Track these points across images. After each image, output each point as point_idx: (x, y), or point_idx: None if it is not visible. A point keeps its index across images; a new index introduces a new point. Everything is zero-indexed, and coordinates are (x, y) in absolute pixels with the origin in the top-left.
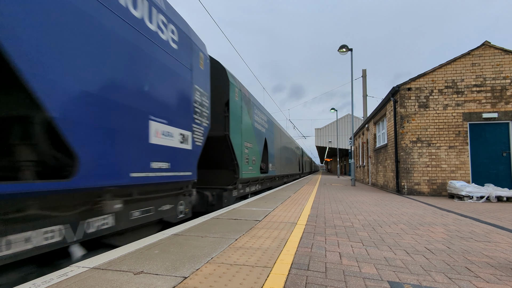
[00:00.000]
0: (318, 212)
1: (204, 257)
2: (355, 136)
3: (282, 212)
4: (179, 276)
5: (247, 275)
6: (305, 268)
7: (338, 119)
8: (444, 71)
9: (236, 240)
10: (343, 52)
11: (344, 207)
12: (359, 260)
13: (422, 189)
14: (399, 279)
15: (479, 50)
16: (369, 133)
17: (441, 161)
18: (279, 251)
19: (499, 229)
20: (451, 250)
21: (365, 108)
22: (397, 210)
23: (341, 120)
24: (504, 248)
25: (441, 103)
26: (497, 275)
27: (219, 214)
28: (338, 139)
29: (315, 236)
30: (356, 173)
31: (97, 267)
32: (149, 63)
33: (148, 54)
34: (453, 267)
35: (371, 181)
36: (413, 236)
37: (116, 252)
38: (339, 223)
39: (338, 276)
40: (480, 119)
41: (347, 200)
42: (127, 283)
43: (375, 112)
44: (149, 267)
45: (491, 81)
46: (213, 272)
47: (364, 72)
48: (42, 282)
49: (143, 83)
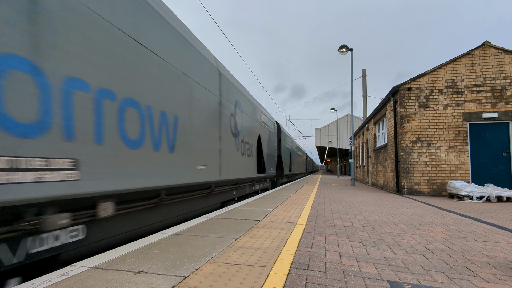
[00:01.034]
0: (318, 212)
1: (204, 257)
2: (355, 136)
3: (282, 212)
4: (179, 275)
5: (247, 275)
6: (305, 268)
7: (338, 119)
8: (444, 71)
9: (236, 239)
10: (343, 52)
11: (344, 207)
12: (359, 260)
13: (422, 189)
14: (399, 279)
15: (479, 50)
16: (369, 133)
17: (441, 161)
18: (279, 251)
19: (499, 229)
20: (451, 250)
21: (365, 108)
22: (397, 210)
23: (341, 120)
24: (504, 248)
25: (441, 103)
26: (497, 275)
27: (219, 214)
28: (338, 139)
29: (315, 236)
30: (356, 173)
31: (97, 267)
32: (269, 140)
33: (270, 136)
34: (453, 267)
35: (371, 181)
36: (413, 236)
37: (116, 251)
38: (339, 223)
39: (338, 275)
40: (480, 119)
41: (347, 200)
42: (127, 282)
43: (375, 112)
44: (149, 267)
45: (491, 81)
46: (213, 271)
47: (364, 72)
48: (42, 281)
49: (271, 149)
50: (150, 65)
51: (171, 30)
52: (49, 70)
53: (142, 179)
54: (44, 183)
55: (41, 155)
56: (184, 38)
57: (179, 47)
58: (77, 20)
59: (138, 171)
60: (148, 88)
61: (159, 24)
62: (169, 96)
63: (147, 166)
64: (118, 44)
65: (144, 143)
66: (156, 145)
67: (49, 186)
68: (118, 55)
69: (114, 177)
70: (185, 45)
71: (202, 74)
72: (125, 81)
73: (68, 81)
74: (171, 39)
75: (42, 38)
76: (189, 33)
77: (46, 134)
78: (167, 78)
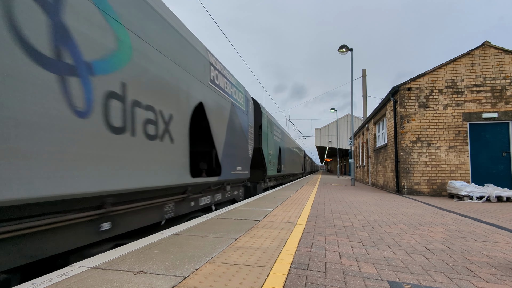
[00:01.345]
0: (318, 212)
1: (204, 257)
2: (355, 136)
3: (282, 212)
4: (179, 275)
5: (247, 275)
6: (304, 268)
7: (338, 119)
8: (444, 71)
9: (236, 240)
10: (343, 52)
11: (344, 207)
12: (359, 260)
13: (422, 189)
14: (398, 279)
15: (479, 50)
16: (369, 133)
17: (441, 161)
18: (279, 251)
19: (499, 229)
20: (450, 250)
21: (365, 108)
22: (397, 210)
23: (341, 120)
24: (504, 248)
25: (441, 103)
26: (497, 275)
27: (219, 214)
28: (338, 139)
29: (315, 236)
30: (356, 173)
31: (97, 267)
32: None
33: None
34: (453, 267)
35: (371, 181)
36: (413, 236)
37: (116, 252)
38: (339, 223)
39: (338, 275)
40: (480, 119)
41: (347, 200)
42: (127, 282)
43: (375, 112)
44: (149, 267)
45: (491, 81)
46: (213, 271)
47: (364, 72)
48: (42, 281)
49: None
50: (295, 149)
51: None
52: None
53: (290, 172)
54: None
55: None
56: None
57: (295, 146)
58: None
59: (292, 170)
60: (296, 156)
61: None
62: (295, 157)
63: (291, 169)
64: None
65: (295, 164)
66: (294, 165)
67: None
68: None
69: (289, 171)
70: (294, 143)
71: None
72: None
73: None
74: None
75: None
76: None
77: None
78: (296, 153)
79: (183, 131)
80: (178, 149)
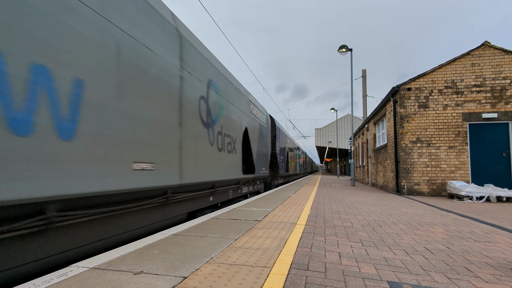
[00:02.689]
0: (317, 212)
1: (203, 257)
2: (355, 136)
3: (281, 212)
4: (179, 276)
5: (247, 275)
6: (304, 268)
7: (338, 119)
8: (443, 71)
9: (236, 240)
10: (343, 52)
11: (344, 207)
12: (359, 260)
13: (422, 189)
14: (398, 279)
15: (478, 50)
16: (369, 133)
17: (441, 161)
18: (278, 251)
19: (499, 229)
20: (450, 250)
21: (365, 108)
22: (396, 210)
23: (341, 120)
24: (504, 248)
25: (441, 103)
26: (497, 275)
27: (219, 214)
28: (338, 139)
29: (315, 236)
30: (356, 173)
31: (97, 267)
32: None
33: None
34: (453, 267)
35: (371, 181)
36: (413, 236)
37: (116, 252)
38: (338, 223)
39: (338, 276)
40: (479, 119)
41: (346, 200)
42: (127, 283)
43: (375, 112)
44: (148, 267)
45: (491, 81)
46: (213, 272)
47: (364, 72)
48: (42, 282)
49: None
50: (298, 152)
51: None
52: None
53: (293, 172)
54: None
55: None
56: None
57: (299, 149)
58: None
59: (295, 171)
60: (299, 158)
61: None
62: (298, 159)
63: (295, 170)
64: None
65: (298, 166)
66: (297, 166)
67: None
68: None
69: (293, 171)
70: (298, 147)
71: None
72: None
73: None
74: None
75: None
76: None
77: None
78: (299, 155)
79: (239, 146)
80: (238, 158)
